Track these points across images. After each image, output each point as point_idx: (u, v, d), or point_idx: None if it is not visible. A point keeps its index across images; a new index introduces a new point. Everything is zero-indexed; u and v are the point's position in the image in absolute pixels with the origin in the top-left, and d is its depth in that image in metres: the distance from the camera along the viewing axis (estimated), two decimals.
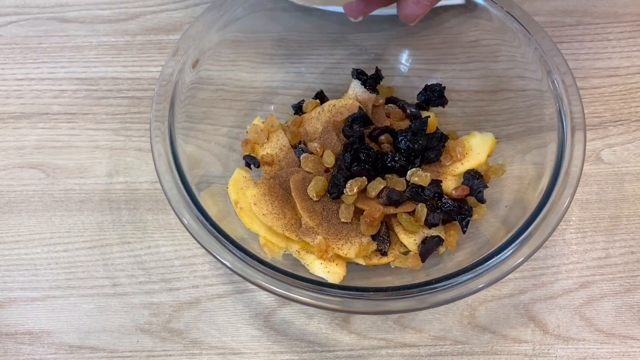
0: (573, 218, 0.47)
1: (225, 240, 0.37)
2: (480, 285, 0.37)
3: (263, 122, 0.47)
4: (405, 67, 0.52)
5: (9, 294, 0.45)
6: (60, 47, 0.56)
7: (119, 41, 0.56)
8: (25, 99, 0.53)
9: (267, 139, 0.46)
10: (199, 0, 0.58)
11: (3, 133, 0.51)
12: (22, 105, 0.53)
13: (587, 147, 0.49)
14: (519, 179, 0.44)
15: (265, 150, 0.46)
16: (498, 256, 0.38)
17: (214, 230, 0.38)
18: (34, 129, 0.52)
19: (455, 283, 0.37)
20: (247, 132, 0.47)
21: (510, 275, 0.38)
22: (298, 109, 0.49)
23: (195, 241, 0.38)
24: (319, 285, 0.35)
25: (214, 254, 0.37)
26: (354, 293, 0.35)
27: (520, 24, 0.44)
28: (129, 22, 0.57)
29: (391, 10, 0.48)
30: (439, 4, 0.44)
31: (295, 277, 0.35)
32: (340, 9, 0.50)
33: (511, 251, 0.38)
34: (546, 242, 0.44)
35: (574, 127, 0.41)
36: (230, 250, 0.37)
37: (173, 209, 0.39)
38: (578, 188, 0.47)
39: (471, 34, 0.48)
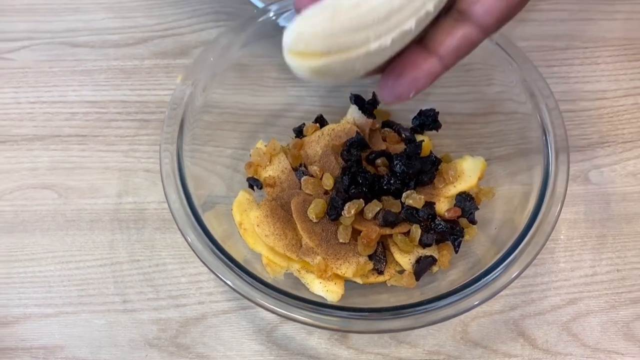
0: (561, 237, 0.49)
1: (228, 262, 0.40)
2: (473, 304, 0.39)
3: (266, 146, 0.49)
4: None
5: (25, 310, 0.47)
6: (71, 71, 0.58)
7: (128, 65, 0.58)
8: (37, 121, 0.55)
9: (270, 162, 0.49)
10: (204, 25, 0.61)
11: (17, 155, 0.54)
12: (35, 128, 0.55)
13: (576, 168, 0.52)
14: (509, 199, 0.46)
15: (267, 173, 0.48)
16: (489, 275, 0.40)
17: (218, 252, 0.40)
18: (46, 150, 0.54)
19: (448, 302, 0.39)
20: (250, 155, 0.49)
21: (501, 292, 0.41)
22: (299, 132, 0.51)
23: (200, 260, 0.40)
24: (318, 305, 0.37)
25: (218, 275, 0.39)
26: (352, 313, 0.37)
27: (504, 50, 0.47)
28: (137, 47, 0.59)
29: None
30: None
31: (295, 298, 0.37)
32: None
33: (501, 270, 0.40)
34: (535, 261, 0.46)
35: (558, 149, 0.43)
36: (233, 271, 0.39)
37: (179, 229, 0.41)
38: (567, 208, 0.50)
39: (467, 59, 0.51)
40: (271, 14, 0.48)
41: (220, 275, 0.39)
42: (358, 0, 0.28)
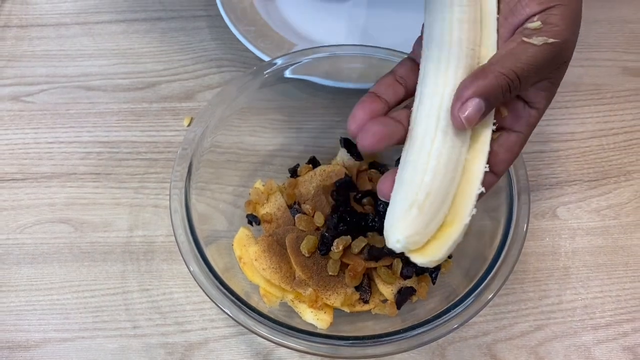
0: (530, 268, 0.54)
1: (227, 293, 0.44)
2: (449, 330, 0.44)
3: (263, 185, 0.54)
4: None
5: (44, 335, 0.52)
6: (85, 113, 0.63)
7: (138, 108, 0.64)
8: (55, 160, 0.61)
9: (267, 200, 0.54)
10: (207, 71, 0.66)
11: (37, 191, 0.59)
12: (53, 166, 0.60)
13: (545, 205, 0.57)
14: (480, 235, 0.51)
15: (265, 210, 0.53)
16: (462, 303, 0.45)
17: (219, 284, 0.45)
18: (63, 187, 0.59)
19: (426, 329, 0.44)
20: (249, 193, 0.55)
21: (474, 319, 0.45)
22: (293, 172, 0.56)
23: (202, 290, 0.45)
24: (310, 334, 0.42)
25: (219, 305, 0.44)
26: (340, 341, 0.42)
27: None
28: (146, 91, 0.65)
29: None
30: None
31: (288, 327, 0.42)
32: (330, 82, 0.58)
33: (473, 299, 0.45)
34: (506, 290, 0.52)
35: (520, 189, 0.48)
36: (232, 302, 0.44)
37: (184, 261, 0.46)
38: (536, 241, 0.55)
39: None
40: (277, 66, 0.53)
41: (220, 306, 0.44)
42: (427, 190, 0.35)
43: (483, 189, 0.37)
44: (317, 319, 0.47)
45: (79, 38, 0.69)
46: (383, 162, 0.57)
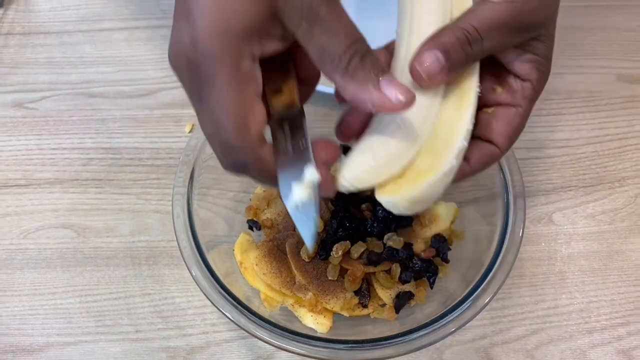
0: (527, 273, 0.55)
1: (229, 297, 0.45)
2: (446, 333, 0.45)
3: (264, 191, 0.55)
4: None
5: (48, 339, 0.52)
6: (88, 120, 0.64)
7: (139, 115, 0.65)
8: (58, 166, 0.61)
9: (267, 206, 0.55)
10: None
11: (40, 197, 0.59)
12: (56, 172, 0.61)
13: (541, 210, 0.58)
14: (477, 240, 0.52)
15: (265, 215, 0.54)
16: (459, 308, 0.46)
17: (220, 289, 0.46)
18: (66, 193, 0.60)
19: (424, 333, 0.45)
20: (250, 199, 0.55)
21: (472, 323, 0.46)
22: None
23: (204, 294, 0.46)
24: (310, 338, 0.43)
25: (220, 309, 0.45)
26: (339, 345, 0.43)
27: None
28: (148, 98, 0.66)
29: None
30: None
31: (289, 332, 0.43)
32: (329, 90, 0.58)
33: (470, 303, 0.46)
34: (503, 294, 0.53)
35: (516, 195, 0.49)
36: (233, 306, 0.45)
37: (187, 266, 0.47)
38: (532, 246, 0.56)
39: None
40: None
41: (222, 310, 0.45)
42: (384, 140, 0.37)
43: (465, 143, 0.38)
44: (317, 323, 0.48)
45: (82, 45, 0.70)
46: None
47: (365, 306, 0.50)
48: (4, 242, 0.57)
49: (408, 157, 0.38)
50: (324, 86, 0.58)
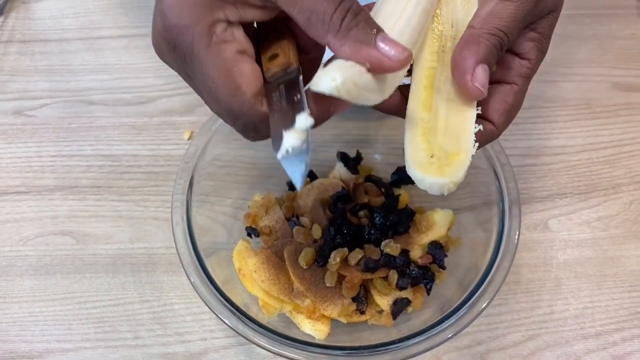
0: (523, 279, 0.55)
1: (227, 304, 0.46)
2: (443, 340, 0.45)
3: (262, 198, 0.56)
4: (383, 146, 0.61)
5: (47, 345, 0.53)
6: (87, 127, 0.65)
7: (138, 122, 0.65)
8: (58, 173, 0.62)
9: (266, 213, 0.55)
10: None
11: (40, 204, 0.60)
12: (56, 179, 0.61)
13: (537, 217, 0.58)
14: (473, 246, 0.52)
15: (264, 222, 0.55)
16: (456, 314, 0.47)
17: (219, 295, 0.46)
18: (65, 200, 0.60)
19: (421, 339, 0.45)
20: (249, 206, 0.56)
21: (468, 329, 0.46)
22: (291, 185, 0.58)
23: (202, 301, 0.46)
24: (307, 345, 0.43)
25: (219, 315, 0.45)
26: (336, 351, 0.43)
27: None
28: (147, 105, 0.66)
29: None
30: None
31: (287, 338, 0.43)
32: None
33: (467, 309, 0.46)
34: (499, 300, 0.53)
35: (511, 202, 0.49)
36: (232, 313, 0.45)
37: (186, 273, 0.47)
38: (528, 253, 0.56)
39: None
40: None
41: (220, 316, 0.45)
42: None
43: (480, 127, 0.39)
44: (314, 329, 0.48)
45: (81, 53, 0.70)
46: (379, 176, 0.58)
47: (362, 312, 0.50)
48: (3, 249, 0.57)
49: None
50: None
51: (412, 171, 0.37)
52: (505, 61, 0.40)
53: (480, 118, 0.39)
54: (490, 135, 0.40)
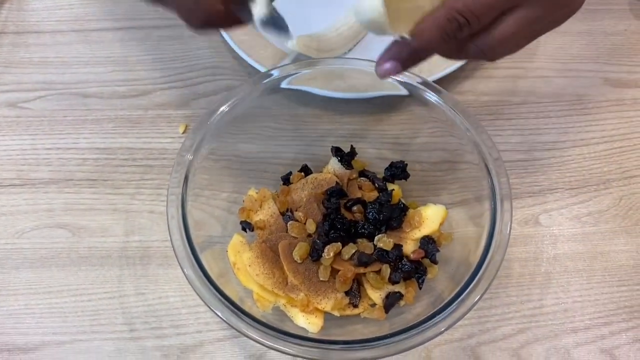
0: (514, 273, 0.56)
1: (222, 298, 0.46)
2: (435, 334, 0.45)
3: (257, 192, 0.56)
4: (377, 142, 0.61)
5: (43, 338, 0.53)
6: (82, 120, 0.65)
7: (133, 115, 0.65)
8: (53, 166, 0.62)
9: (260, 207, 0.55)
10: (202, 79, 0.68)
11: (35, 197, 0.60)
12: (51, 172, 0.61)
13: (528, 212, 0.59)
14: (465, 241, 0.53)
15: (258, 217, 0.55)
16: (448, 308, 0.47)
17: (213, 289, 0.46)
18: (61, 193, 0.60)
19: (413, 333, 0.46)
20: (243, 200, 0.56)
21: (460, 322, 0.47)
22: (286, 180, 0.58)
23: (197, 294, 0.46)
24: (300, 339, 0.44)
25: (213, 309, 0.45)
26: (329, 345, 0.44)
27: (451, 108, 0.53)
28: (141, 98, 0.66)
29: (362, 94, 0.58)
30: (385, 93, 0.55)
31: (281, 332, 0.44)
32: (321, 92, 0.59)
33: (458, 303, 0.47)
34: (490, 294, 0.54)
35: (503, 197, 0.50)
36: (226, 306, 0.46)
37: (181, 267, 0.48)
38: (519, 247, 0.57)
39: (427, 115, 0.56)
40: (274, 77, 0.55)
41: (214, 309, 0.46)
42: None
43: None
44: (308, 322, 0.49)
45: (75, 45, 0.70)
46: (372, 171, 0.59)
47: (355, 306, 0.51)
48: None
49: None
50: (317, 88, 0.59)
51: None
52: None
53: None
54: None
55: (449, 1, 0.39)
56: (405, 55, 0.44)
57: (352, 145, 0.58)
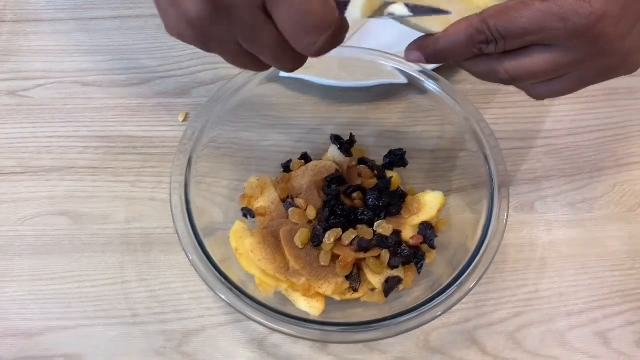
0: (510, 259, 0.57)
1: (225, 281, 0.47)
2: (433, 317, 0.47)
3: (258, 180, 0.57)
4: (376, 130, 0.62)
5: (47, 323, 0.54)
6: (82, 108, 0.65)
7: (133, 103, 0.65)
8: (54, 154, 0.62)
9: (261, 194, 0.56)
10: (202, 67, 0.68)
11: (37, 184, 0.60)
12: (52, 160, 0.62)
13: (524, 199, 0.60)
14: (463, 227, 0.54)
15: (259, 204, 0.56)
16: (446, 292, 0.48)
17: (217, 273, 0.47)
18: (62, 181, 0.61)
19: (412, 316, 0.47)
20: (244, 187, 0.57)
21: (457, 306, 0.48)
22: (286, 167, 0.59)
23: (201, 278, 0.47)
24: (303, 321, 0.45)
25: (217, 292, 0.46)
26: (331, 327, 0.45)
27: (450, 97, 0.55)
28: (141, 87, 0.67)
29: (361, 82, 0.59)
30: (385, 81, 0.55)
31: (282, 314, 0.45)
32: (321, 81, 0.60)
33: (456, 287, 0.48)
34: (487, 279, 0.55)
35: (500, 184, 0.51)
36: (229, 290, 0.47)
37: (185, 252, 0.48)
38: (515, 233, 0.58)
39: (426, 103, 0.57)
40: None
41: (219, 293, 0.46)
42: None
43: None
44: (309, 306, 0.50)
45: (75, 34, 0.70)
46: (372, 158, 0.59)
47: (355, 290, 0.52)
48: (1, 228, 0.58)
49: None
50: (316, 77, 0.60)
51: None
52: None
53: None
54: None
55: (486, 12, 0.37)
56: (430, 52, 0.40)
57: (351, 133, 0.59)
